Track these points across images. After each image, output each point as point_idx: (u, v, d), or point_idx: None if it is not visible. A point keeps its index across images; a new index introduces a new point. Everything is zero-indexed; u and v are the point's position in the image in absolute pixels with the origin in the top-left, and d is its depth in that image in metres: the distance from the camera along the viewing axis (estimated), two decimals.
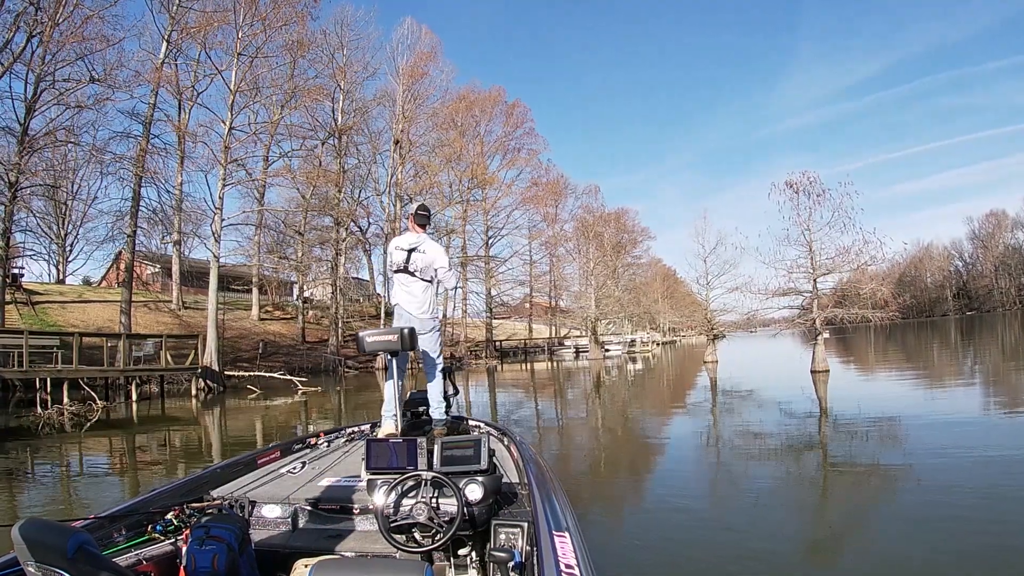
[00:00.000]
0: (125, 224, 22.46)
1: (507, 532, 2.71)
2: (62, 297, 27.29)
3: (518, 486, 3.24)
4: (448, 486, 2.68)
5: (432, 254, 4.76)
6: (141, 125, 21.52)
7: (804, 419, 11.18)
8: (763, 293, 19.71)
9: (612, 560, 4.59)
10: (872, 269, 18.93)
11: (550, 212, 50.51)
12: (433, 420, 4.77)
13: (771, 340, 41.26)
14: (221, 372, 20.87)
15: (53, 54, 18.58)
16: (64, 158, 24.60)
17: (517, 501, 3.06)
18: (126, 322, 22.06)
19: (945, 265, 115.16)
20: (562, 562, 2.03)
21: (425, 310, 4.82)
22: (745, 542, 4.92)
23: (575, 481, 7.51)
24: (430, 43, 38.48)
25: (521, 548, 2.62)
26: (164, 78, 21.32)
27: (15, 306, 22.32)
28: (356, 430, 5.00)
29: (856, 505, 6.05)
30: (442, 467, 2.86)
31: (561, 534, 2.30)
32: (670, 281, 68.71)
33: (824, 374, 17.66)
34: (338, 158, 33.46)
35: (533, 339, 54.63)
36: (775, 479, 7.05)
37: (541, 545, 2.18)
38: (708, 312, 27.03)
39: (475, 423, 5.18)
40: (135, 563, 2.55)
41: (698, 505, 6.15)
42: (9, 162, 17.75)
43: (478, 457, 2.86)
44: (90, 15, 18.49)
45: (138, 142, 21.23)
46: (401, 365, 4.66)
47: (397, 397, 4.49)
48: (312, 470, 3.88)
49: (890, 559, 4.47)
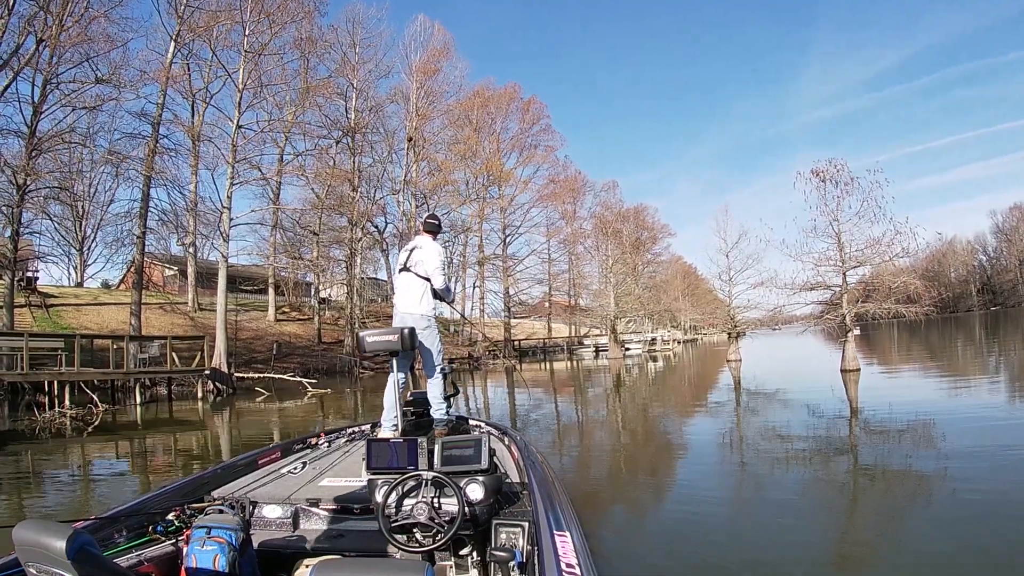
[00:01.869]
0: (135, 226, 22.40)
1: (508, 532, 2.71)
2: (77, 300, 27.33)
3: (519, 486, 3.24)
4: (449, 486, 2.69)
5: (427, 252, 4.81)
6: (150, 126, 21.40)
7: (834, 420, 10.50)
8: (789, 288, 18.83)
9: (632, 564, 4.39)
10: (904, 262, 18.07)
11: (568, 209, 49.98)
12: (434, 420, 4.74)
13: (796, 338, 40.19)
14: (231, 374, 20.60)
15: (60, 56, 18.52)
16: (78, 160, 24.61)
17: (518, 501, 3.06)
18: (136, 324, 21.93)
19: (968, 260, 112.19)
20: (563, 561, 2.04)
21: (420, 306, 4.78)
22: (767, 551, 4.58)
23: (592, 483, 7.29)
24: (442, 39, 38.28)
25: (522, 548, 2.62)
26: (173, 78, 21.19)
27: (29, 309, 22.37)
28: (357, 430, 5.02)
29: (888, 517, 5.44)
30: (443, 467, 2.87)
31: (562, 533, 2.30)
32: (691, 278, 67.70)
33: (855, 373, 16.79)
34: (352, 157, 33.22)
35: (552, 338, 54.03)
36: (802, 484, 6.57)
37: (542, 544, 2.20)
38: (731, 309, 26.20)
39: (475, 423, 5.17)
40: (136, 564, 2.55)
41: (720, 510, 5.78)
42: (16, 164, 17.66)
43: (479, 457, 2.86)
44: (96, 15, 18.39)
45: (147, 143, 21.08)
46: (402, 366, 4.63)
47: (397, 397, 4.46)
48: (313, 470, 3.91)
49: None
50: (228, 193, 20.60)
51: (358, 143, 33.62)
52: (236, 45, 21.03)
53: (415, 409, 5.03)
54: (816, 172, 17.47)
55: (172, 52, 21.59)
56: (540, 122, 46.43)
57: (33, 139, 18.42)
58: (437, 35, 38.15)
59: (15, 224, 18.52)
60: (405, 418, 4.70)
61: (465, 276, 46.07)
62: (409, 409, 5.01)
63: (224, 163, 21.07)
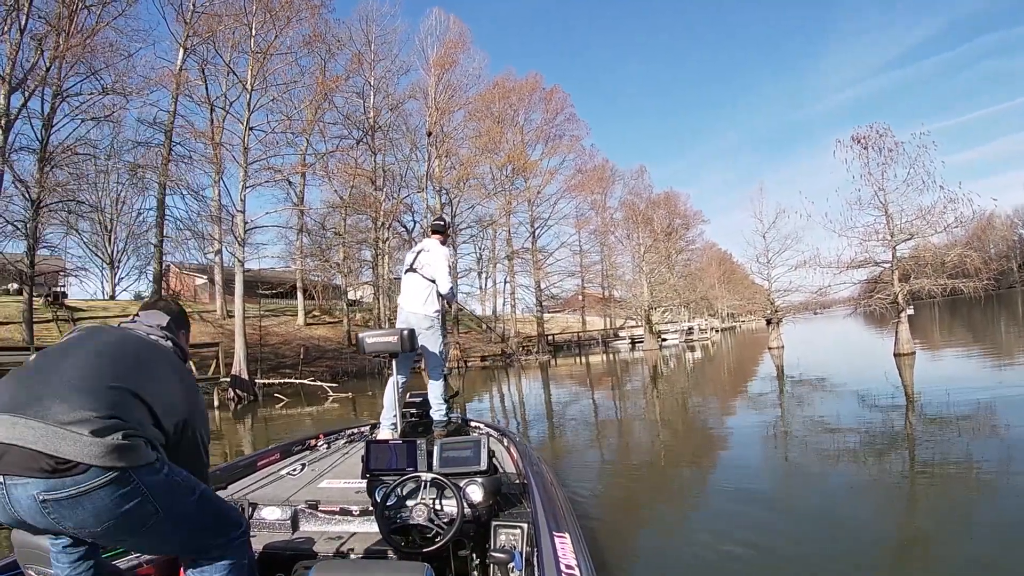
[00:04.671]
0: (152, 235, 22.41)
1: (507, 533, 2.72)
2: (105, 312, 27.45)
3: (518, 487, 3.24)
4: (448, 487, 2.71)
5: (434, 255, 4.83)
6: (163, 134, 21.22)
7: (888, 410, 9.45)
8: (834, 267, 17.50)
9: (670, 565, 4.30)
10: (957, 233, 16.63)
11: (597, 199, 48.89)
12: (433, 421, 4.73)
13: (839, 322, 38.44)
14: (251, 380, 20.31)
15: (66, 70, 18.48)
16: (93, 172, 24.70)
17: (517, 502, 3.05)
18: None
19: (1008, 235, 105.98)
20: (562, 562, 2.05)
21: (424, 306, 4.80)
22: (816, 558, 4.22)
23: (629, 480, 7.11)
24: (459, 31, 37.65)
25: (521, 549, 2.62)
26: (185, 84, 21.00)
27: (55, 323, 22.53)
28: (356, 431, 5.02)
29: (948, 520, 4.83)
30: (442, 468, 2.90)
31: (561, 534, 2.31)
32: (726, 264, 65.87)
33: (909, 357, 15.48)
34: (374, 156, 32.87)
35: (587, 331, 53.04)
36: (853, 481, 6.01)
37: (541, 546, 2.20)
38: (771, 293, 24.90)
39: (475, 424, 5.12)
40: (135, 566, 2.55)
41: (764, 508, 5.40)
42: (30, 179, 17.68)
43: (478, 458, 2.90)
44: (100, 26, 18.24)
45: (159, 150, 20.93)
46: (402, 367, 4.63)
47: (397, 399, 4.46)
48: (312, 472, 3.91)
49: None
50: (241, 196, 20.31)
51: (379, 142, 33.27)
52: (239, 44, 20.74)
53: (415, 410, 4.96)
54: (857, 138, 16.20)
55: (182, 58, 21.37)
56: (564, 111, 45.49)
57: (45, 153, 18.37)
58: (453, 27, 37.63)
59: (31, 239, 18.50)
60: (404, 419, 4.68)
61: (495, 272, 45.44)
62: (409, 411, 4.94)
63: (236, 165, 20.81)
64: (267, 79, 21.40)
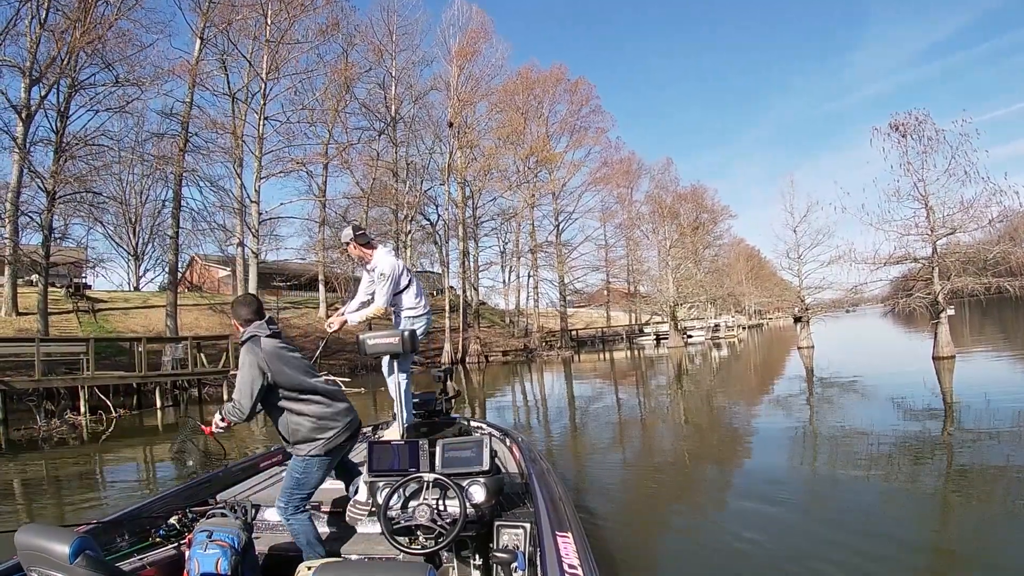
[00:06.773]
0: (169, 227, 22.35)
1: (510, 533, 2.72)
2: (126, 304, 27.62)
3: (520, 487, 3.25)
4: (451, 488, 2.72)
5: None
6: (179, 125, 21.12)
7: (925, 419, 8.76)
8: (871, 263, 16.51)
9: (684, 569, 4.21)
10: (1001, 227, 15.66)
11: (623, 193, 48.11)
12: (435, 422, 4.53)
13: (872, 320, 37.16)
14: None
15: (84, 61, 18.47)
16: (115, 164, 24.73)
17: (520, 502, 3.05)
18: (172, 325, 21.78)
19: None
20: (565, 562, 2.04)
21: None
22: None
23: (649, 479, 6.93)
24: (480, 21, 37.08)
25: (524, 549, 2.64)
26: (204, 76, 20.90)
27: (76, 314, 22.68)
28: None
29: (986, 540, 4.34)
30: (444, 469, 2.90)
31: (564, 534, 2.31)
32: (754, 260, 64.45)
33: (949, 361, 14.52)
34: (395, 147, 32.58)
35: (611, 327, 52.27)
36: (886, 492, 5.55)
37: (544, 545, 2.21)
38: (801, 290, 23.94)
39: (476, 424, 5.09)
40: (138, 568, 2.57)
41: (790, 514, 5.12)
42: (45, 170, 17.73)
43: (480, 458, 2.91)
44: (116, 17, 18.18)
45: (175, 141, 20.83)
46: (403, 367, 4.55)
47: (400, 400, 4.43)
48: None
49: None
50: (256, 186, 20.12)
51: (401, 134, 32.96)
52: (252, 31, 20.50)
53: (418, 411, 4.77)
54: (895, 126, 15.23)
55: (199, 48, 21.25)
56: (589, 103, 44.81)
57: (60, 144, 18.39)
58: (475, 17, 37.07)
59: (46, 230, 18.58)
60: (407, 420, 4.61)
61: (519, 265, 44.89)
62: (411, 411, 4.82)
63: (251, 156, 20.62)
64: (281, 69, 21.16)
